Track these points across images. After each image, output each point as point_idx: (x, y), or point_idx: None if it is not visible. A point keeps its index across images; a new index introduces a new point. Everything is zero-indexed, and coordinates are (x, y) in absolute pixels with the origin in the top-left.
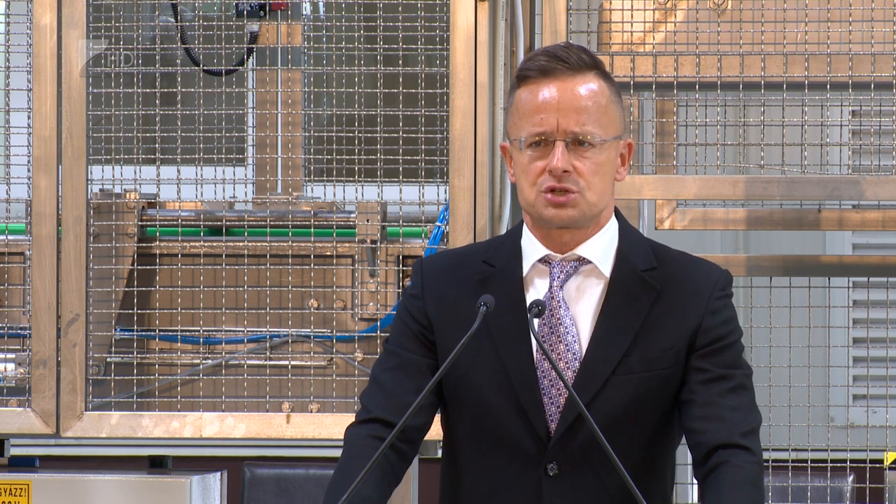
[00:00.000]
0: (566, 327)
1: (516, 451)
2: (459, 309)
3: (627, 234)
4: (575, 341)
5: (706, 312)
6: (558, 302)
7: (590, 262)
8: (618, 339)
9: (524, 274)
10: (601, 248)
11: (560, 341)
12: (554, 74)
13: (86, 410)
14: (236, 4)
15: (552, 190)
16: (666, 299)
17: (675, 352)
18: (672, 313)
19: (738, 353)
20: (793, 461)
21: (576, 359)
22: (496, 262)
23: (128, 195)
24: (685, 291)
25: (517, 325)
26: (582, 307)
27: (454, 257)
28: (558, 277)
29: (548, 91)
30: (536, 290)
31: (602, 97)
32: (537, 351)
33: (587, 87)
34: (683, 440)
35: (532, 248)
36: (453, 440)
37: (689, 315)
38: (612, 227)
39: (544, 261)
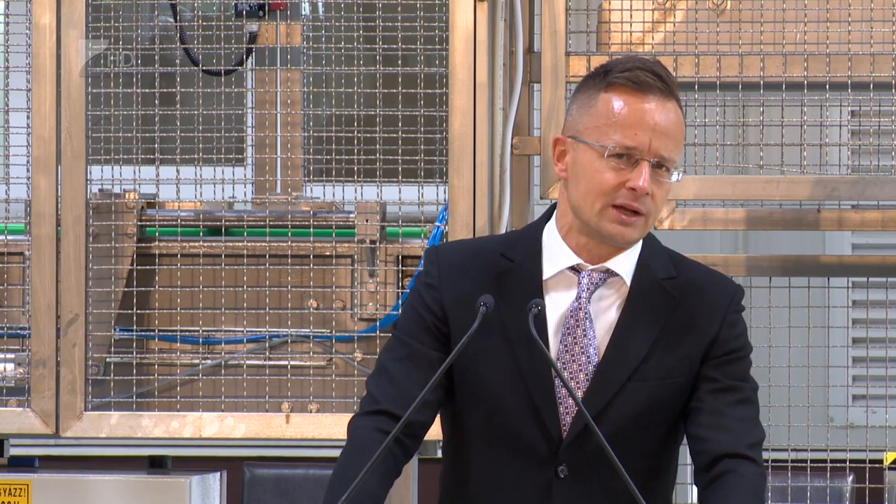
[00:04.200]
0: (588, 338)
1: (528, 451)
2: (474, 302)
3: (648, 241)
4: (592, 346)
5: (724, 324)
6: (585, 313)
7: (617, 274)
8: (635, 346)
9: (547, 277)
10: (630, 261)
11: (577, 344)
12: (651, 92)
13: (85, 410)
14: (235, 4)
15: (623, 207)
16: (684, 309)
17: (689, 361)
18: (690, 323)
19: (748, 367)
20: (792, 461)
21: (591, 363)
22: (515, 257)
23: (127, 195)
24: (703, 302)
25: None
26: (604, 315)
27: (471, 248)
28: (587, 289)
29: (646, 108)
30: (559, 295)
31: (681, 127)
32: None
33: (676, 114)
34: (683, 440)
35: (560, 252)
36: (462, 437)
37: (707, 325)
38: None
39: (574, 269)
